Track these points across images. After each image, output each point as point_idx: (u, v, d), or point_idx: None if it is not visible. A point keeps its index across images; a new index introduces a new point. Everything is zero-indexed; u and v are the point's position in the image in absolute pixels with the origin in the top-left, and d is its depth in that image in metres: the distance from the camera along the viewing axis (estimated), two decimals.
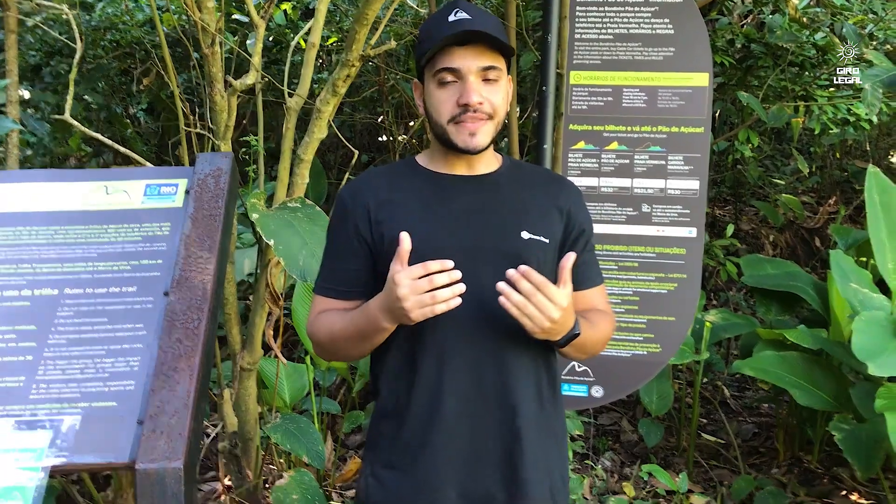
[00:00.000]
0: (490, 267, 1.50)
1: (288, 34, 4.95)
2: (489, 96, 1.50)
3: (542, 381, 1.60)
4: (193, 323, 1.67)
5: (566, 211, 1.62)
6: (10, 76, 3.20)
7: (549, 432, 1.60)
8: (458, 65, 1.49)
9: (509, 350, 1.53)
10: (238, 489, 2.93)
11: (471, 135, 1.50)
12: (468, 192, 1.58)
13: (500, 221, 1.56)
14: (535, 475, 1.55)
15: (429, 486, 1.52)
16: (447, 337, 1.52)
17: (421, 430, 1.53)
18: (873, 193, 2.81)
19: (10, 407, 1.53)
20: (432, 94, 1.53)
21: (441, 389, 1.52)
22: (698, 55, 2.58)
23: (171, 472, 1.46)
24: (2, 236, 1.82)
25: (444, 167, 1.61)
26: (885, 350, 2.43)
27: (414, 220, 1.52)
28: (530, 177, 1.66)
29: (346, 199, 1.61)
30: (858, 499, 3.25)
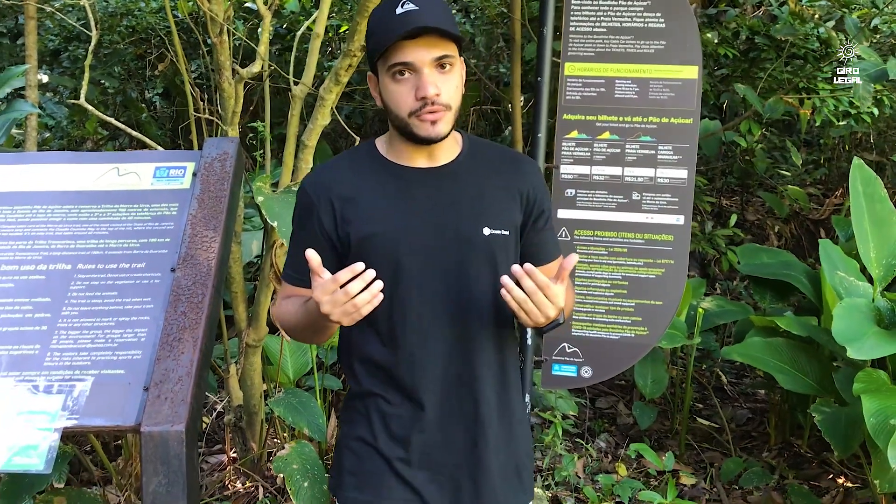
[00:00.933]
0: (454, 262, 1.56)
1: (301, 21, 5.04)
2: (444, 86, 1.50)
3: (506, 365, 1.67)
4: (198, 297, 1.77)
5: (525, 194, 1.66)
6: (29, 61, 3.31)
7: (511, 413, 1.68)
8: (411, 59, 1.48)
9: (473, 340, 1.60)
10: (242, 460, 3.05)
11: (432, 124, 1.51)
12: (430, 187, 1.60)
13: (463, 217, 1.59)
14: (498, 457, 1.64)
15: (399, 464, 1.61)
16: (415, 329, 1.58)
17: (392, 413, 1.61)
18: (857, 184, 2.89)
19: (26, 373, 1.65)
20: (388, 88, 1.53)
21: (413, 378, 1.59)
22: (689, 48, 2.66)
23: (174, 434, 1.56)
24: (19, 214, 1.93)
25: (405, 159, 1.62)
26: (863, 335, 2.51)
27: (379, 218, 1.57)
28: (489, 162, 1.67)
29: (310, 193, 1.63)
30: (845, 482, 3.34)
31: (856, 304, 2.65)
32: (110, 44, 5.07)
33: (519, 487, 1.69)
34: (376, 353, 1.62)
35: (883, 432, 2.34)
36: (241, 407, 2.99)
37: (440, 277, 1.57)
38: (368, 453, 1.63)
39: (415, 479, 1.61)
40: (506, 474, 1.66)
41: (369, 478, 1.63)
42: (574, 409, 3.38)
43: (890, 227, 2.83)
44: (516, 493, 1.68)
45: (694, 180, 2.69)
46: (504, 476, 1.65)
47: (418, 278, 1.56)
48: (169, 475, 1.58)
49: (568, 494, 3.14)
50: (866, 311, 2.63)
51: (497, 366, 1.65)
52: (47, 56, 5.35)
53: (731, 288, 5.33)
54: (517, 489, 1.69)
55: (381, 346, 1.61)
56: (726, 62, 4.96)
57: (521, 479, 1.70)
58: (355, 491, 1.64)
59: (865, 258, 2.82)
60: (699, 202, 5.22)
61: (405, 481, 1.61)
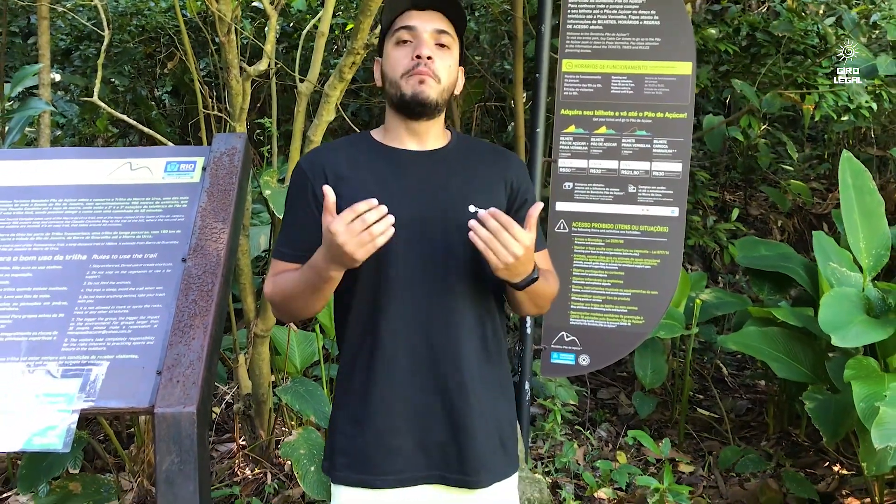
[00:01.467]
0: (439, 237, 1.64)
1: (307, 19, 5.12)
2: (438, 59, 1.65)
3: (487, 337, 1.72)
4: (208, 286, 1.84)
5: (510, 182, 1.75)
6: (42, 60, 3.40)
7: (494, 384, 1.74)
8: (414, 23, 1.65)
9: (457, 310, 1.67)
10: (251, 447, 3.14)
11: (420, 82, 1.63)
12: (419, 167, 1.70)
13: (449, 195, 1.68)
14: (482, 424, 1.69)
15: (387, 437, 1.66)
16: (398, 300, 1.65)
17: (378, 385, 1.67)
18: (847, 177, 2.95)
19: (45, 357, 1.72)
20: (390, 55, 1.68)
21: (395, 348, 1.65)
22: (682, 45, 2.73)
23: (186, 415, 1.63)
24: (37, 207, 2.00)
25: (397, 142, 1.73)
26: (849, 323, 2.58)
27: (368, 195, 1.60)
28: (476, 151, 1.79)
29: (306, 170, 1.73)
30: (840, 469, 3.40)
31: (844, 293, 2.72)
32: (120, 43, 5.16)
33: (503, 457, 1.73)
34: (363, 323, 1.68)
35: (871, 416, 2.40)
36: (250, 396, 3.07)
37: (425, 251, 1.64)
38: (358, 430, 1.69)
39: (402, 448, 1.66)
40: (490, 443, 1.70)
41: (360, 455, 1.68)
42: (574, 398, 3.45)
43: (878, 219, 2.89)
44: (501, 462, 1.73)
45: (688, 173, 2.76)
46: (488, 444, 1.70)
47: (404, 251, 1.63)
48: (181, 454, 1.64)
49: (567, 480, 3.22)
50: (855, 300, 2.70)
51: (478, 336, 1.70)
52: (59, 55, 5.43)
53: (732, 282, 5.39)
54: (502, 458, 1.73)
55: (367, 316, 1.68)
56: (727, 58, 5.01)
57: (505, 448, 1.74)
58: (347, 470, 1.69)
59: (855, 249, 2.89)
60: (702, 197, 5.28)
61: (394, 452, 1.66)
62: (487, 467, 1.69)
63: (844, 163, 2.99)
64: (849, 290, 2.74)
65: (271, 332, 3.01)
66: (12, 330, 1.75)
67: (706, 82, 4.87)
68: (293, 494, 3.03)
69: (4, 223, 1.95)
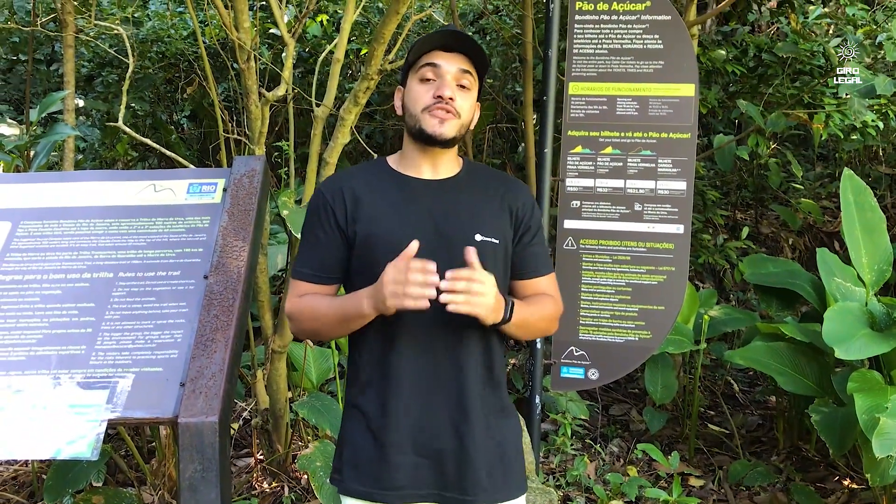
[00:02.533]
0: (446, 264, 1.66)
1: (323, 45, 5.24)
2: (460, 99, 1.73)
3: (492, 362, 1.79)
4: (229, 301, 1.92)
5: (515, 211, 1.83)
6: (67, 87, 3.52)
7: (497, 407, 1.80)
8: (439, 62, 1.73)
9: (460, 336, 1.73)
10: (269, 461, 3.21)
11: (440, 122, 1.71)
12: (430, 195, 1.78)
13: (457, 223, 1.76)
14: (482, 446, 1.74)
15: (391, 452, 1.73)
16: (408, 325, 1.72)
17: (384, 402, 1.74)
18: (848, 194, 3.02)
19: (73, 370, 1.79)
20: (412, 89, 1.76)
21: (401, 369, 1.73)
22: (685, 68, 2.81)
23: (208, 425, 1.70)
24: (65, 227, 2.09)
25: (412, 170, 1.81)
26: (853, 336, 2.63)
27: (382, 220, 1.75)
28: (484, 181, 1.86)
29: (325, 195, 1.81)
30: (850, 483, 3.43)
31: (848, 307, 2.78)
32: (141, 69, 5.28)
33: (505, 481, 1.78)
34: (372, 343, 1.76)
35: (873, 427, 2.45)
36: (268, 410, 3.15)
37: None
38: (365, 444, 1.76)
39: (405, 465, 1.73)
40: (491, 467, 1.75)
41: (367, 468, 1.75)
42: (585, 412, 3.50)
43: (880, 235, 2.96)
44: (503, 486, 1.77)
45: (693, 191, 2.83)
46: (489, 468, 1.75)
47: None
48: (204, 462, 1.71)
49: (578, 494, 3.27)
50: (858, 315, 2.76)
51: (481, 362, 1.77)
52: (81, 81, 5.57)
53: (743, 299, 5.43)
54: (503, 481, 1.77)
55: (377, 337, 1.75)
56: (735, 78, 5.08)
57: (507, 471, 1.78)
58: (356, 482, 1.76)
59: (857, 264, 2.95)
60: (712, 215, 5.33)
61: (396, 468, 1.72)
62: (485, 488, 1.74)
63: (846, 181, 3.06)
64: (852, 305, 2.80)
65: (288, 349, 3.09)
66: (43, 344, 1.83)
67: (714, 102, 4.95)
68: None
69: (35, 243, 2.03)
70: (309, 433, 3.29)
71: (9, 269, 1.97)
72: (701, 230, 5.11)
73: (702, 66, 4.88)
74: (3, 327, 1.85)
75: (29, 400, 1.73)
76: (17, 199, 2.14)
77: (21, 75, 6.20)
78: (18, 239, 2.04)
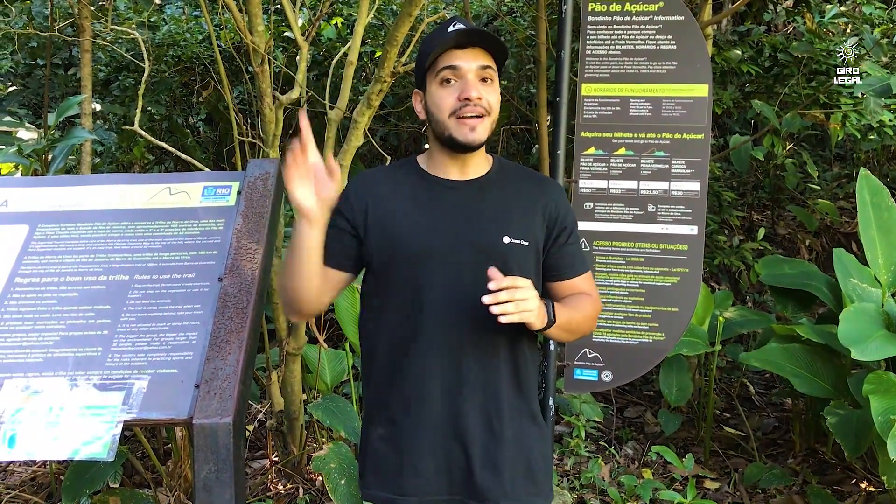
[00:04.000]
0: (472, 267, 1.66)
1: (337, 48, 5.25)
2: (485, 95, 1.67)
3: (519, 367, 1.75)
4: (243, 303, 1.94)
5: (548, 211, 1.77)
6: (84, 91, 3.55)
7: (525, 413, 1.76)
8: (459, 63, 1.66)
9: (487, 338, 1.69)
10: (283, 462, 3.23)
11: (471, 129, 1.65)
12: (457, 196, 1.73)
13: (485, 225, 1.71)
14: (508, 453, 1.71)
15: (413, 457, 1.70)
16: (432, 325, 1.69)
17: (406, 406, 1.71)
18: (864, 194, 3.00)
19: (90, 372, 1.82)
20: (434, 93, 1.69)
21: (425, 371, 1.69)
22: (699, 68, 2.80)
23: (223, 426, 1.71)
24: (81, 231, 2.11)
25: (441, 171, 1.76)
26: (869, 337, 2.62)
27: (408, 220, 1.71)
28: (516, 180, 1.80)
29: (351, 191, 1.79)
30: (867, 486, 3.41)
31: (864, 308, 2.76)
32: (157, 73, 5.33)
33: (531, 487, 1.75)
34: (394, 346, 1.73)
35: (889, 429, 2.43)
36: (283, 412, 3.17)
37: (458, 279, 1.68)
38: (387, 450, 1.74)
39: (427, 470, 1.70)
40: (515, 472, 1.72)
41: (388, 474, 1.73)
42: (599, 415, 3.50)
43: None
44: (528, 493, 1.74)
45: (707, 192, 2.82)
46: (514, 475, 1.71)
47: (437, 278, 1.68)
48: (218, 463, 1.73)
49: (593, 496, 3.26)
50: (874, 315, 2.74)
51: (510, 366, 1.73)
52: (98, 85, 5.62)
53: (759, 301, 5.40)
54: (529, 489, 1.74)
55: (400, 339, 1.72)
56: (750, 78, 5.06)
57: (534, 480, 1.75)
58: (378, 489, 1.75)
59: (873, 264, 2.93)
60: (728, 216, 5.31)
61: (418, 473, 1.70)
62: (510, 495, 1.71)
63: (862, 180, 3.04)
64: (868, 306, 2.78)
65: (303, 351, 3.10)
66: (60, 346, 1.86)
67: (730, 103, 4.93)
68: None
69: (52, 246, 2.06)
70: (323, 435, 3.30)
71: (26, 271, 1.99)
72: (716, 231, 5.09)
73: (717, 67, 4.87)
74: (21, 329, 1.88)
75: (46, 401, 1.75)
76: (34, 203, 2.16)
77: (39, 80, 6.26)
78: (36, 242, 2.06)
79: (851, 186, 6.42)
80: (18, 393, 1.76)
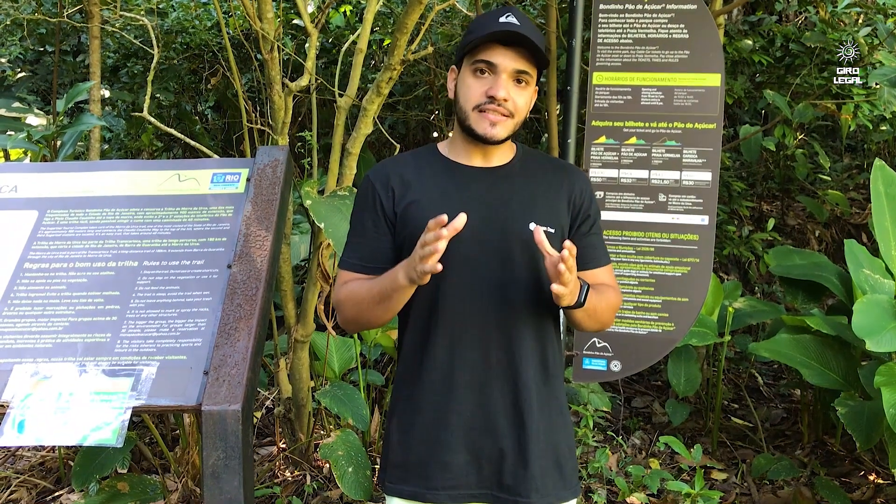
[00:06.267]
0: (499, 254, 1.65)
1: (346, 35, 5.23)
2: (515, 97, 1.63)
3: (546, 357, 1.72)
4: (252, 290, 1.94)
5: (573, 199, 1.75)
6: (93, 78, 3.55)
7: (553, 405, 1.73)
8: (496, 60, 1.62)
9: (514, 327, 1.67)
10: (291, 449, 3.23)
11: (491, 125, 1.63)
12: (482, 183, 1.70)
13: (510, 212, 1.68)
14: (537, 445, 1.68)
15: (440, 451, 1.68)
16: (458, 315, 1.66)
17: (434, 398, 1.69)
18: (879, 185, 2.98)
19: (99, 358, 1.82)
20: (465, 80, 1.67)
21: (452, 362, 1.67)
22: (711, 57, 2.78)
23: (231, 413, 1.72)
24: (91, 217, 2.11)
25: (463, 157, 1.73)
26: (883, 328, 2.60)
27: (430, 208, 1.65)
28: (541, 168, 1.78)
29: (374, 181, 1.74)
30: (875, 478, 3.40)
31: (877, 299, 2.74)
32: (166, 60, 5.32)
33: (559, 481, 1.72)
34: (420, 336, 1.71)
35: None
36: (290, 400, 3.17)
37: (484, 267, 1.66)
38: (413, 443, 1.71)
39: (454, 464, 1.67)
40: (545, 464, 1.69)
41: (414, 468, 1.70)
42: (607, 404, 3.49)
43: None
44: (556, 487, 1.71)
45: (718, 182, 2.80)
46: (543, 467, 1.69)
47: (464, 267, 1.65)
48: (227, 450, 1.73)
49: (600, 486, 3.26)
50: (887, 307, 2.72)
51: (537, 356, 1.71)
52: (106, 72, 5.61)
53: (768, 291, 5.38)
54: (557, 483, 1.71)
55: (425, 330, 1.70)
56: (762, 68, 5.03)
57: (562, 473, 1.72)
58: (401, 483, 1.72)
59: (887, 256, 2.91)
60: (738, 206, 5.29)
61: (446, 467, 1.67)
62: (540, 490, 1.68)
63: (877, 171, 3.02)
64: (881, 297, 2.76)
65: (311, 338, 3.10)
66: (69, 332, 1.86)
67: (741, 93, 4.90)
68: (332, 496, 3.12)
69: (61, 232, 2.06)
70: (331, 422, 3.30)
71: (36, 257, 1.99)
72: (726, 221, 5.07)
73: (728, 56, 4.83)
74: (31, 315, 1.88)
75: (55, 387, 1.75)
76: (43, 189, 2.16)
77: (48, 66, 6.26)
78: (45, 228, 2.06)
79: (862, 177, 6.39)
80: (28, 378, 1.77)
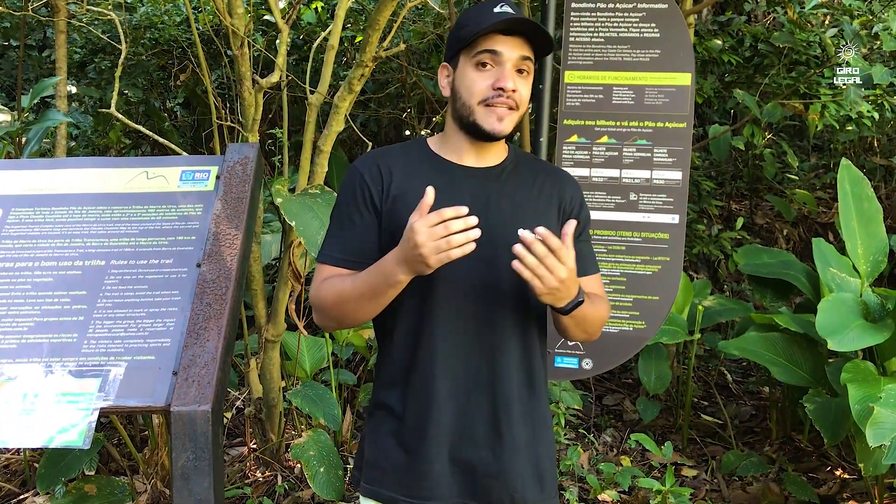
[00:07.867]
0: (486, 257, 1.58)
1: (318, 32, 5.20)
2: (520, 88, 1.57)
3: (532, 366, 1.68)
4: (222, 290, 1.91)
5: (563, 205, 1.71)
6: (59, 73, 3.50)
7: (536, 416, 1.69)
8: (501, 49, 1.56)
9: (497, 337, 1.63)
10: (262, 450, 3.21)
11: (498, 120, 1.57)
12: (472, 184, 1.65)
13: (500, 214, 1.63)
14: (518, 457, 1.64)
15: (418, 459, 1.63)
16: (441, 320, 1.61)
17: (414, 405, 1.64)
18: (845, 184, 3.02)
19: (65, 358, 1.78)
20: (467, 75, 1.60)
21: (433, 368, 1.61)
22: (682, 57, 2.80)
23: (201, 414, 1.69)
24: (57, 215, 2.07)
25: (455, 156, 1.68)
26: (846, 327, 2.64)
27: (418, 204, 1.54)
28: (532, 171, 1.73)
29: (363, 172, 1.67)
30: (842, 474, 3.45)
31: (842, 298, 2.78)
32: (134, 55, 5.25)
33: (539, 494, 1.69)
34: (403, 340, 1.66)
35: (866, 417, 2.45)
36: (261, 400, 3.14)
37: (469, 271, 1.60)
38: (391, 447, 1.66)
39: (433, 473, 1.63)
40: (525, 477, 1.66)
41: (393, 474, 1.66)
42: (579, 402, 3.51)
43: (876, 225, 2.96)
44: (536, 498, 1.68)
45: (688, 181, 2.83)
46: (524, 478, 1.66)
47: (448, 270, 1.54)
48: (196, 451, 1.70)
49: (572, 483, 3.27)
50: (853, 305, 2.76)
51: (522, 366, 1.67)
52: (73, 68, 5.53)
53: (737, 290, 5.44)
54: (537, 494, 1.68)
55: (409, 334, 1.65)
56: (731, 68, 5.08)
57: (542, 484, 1.69)
58: (377, 485, 1.67)
59: (853, 254, 2.95)
60: (707, 206, 5.34)
61: (424, 475, 1.63)
62: (518, 502, 1.65)
63: (843, 170, 3.06)
64: (846, 296, 2.80)
65: (282, 338, 3.08)
66: (34, 332, 1.82)
67: (710, 92, 4.94)
68: (303, 496, 3.10)
69: (26, 230, 2.02)
70: (302, 422, 3.28)
71: (0, 256, 1.95)
72: (696, 220, 5.12)
73: (698, 56, 4.87)
74: None
75: (20, 388, 1.72)
76: (8, 186, 2.12)
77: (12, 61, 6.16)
78: (10, 226, 2.02)
79: (829, 177, 6.48)
80: None
